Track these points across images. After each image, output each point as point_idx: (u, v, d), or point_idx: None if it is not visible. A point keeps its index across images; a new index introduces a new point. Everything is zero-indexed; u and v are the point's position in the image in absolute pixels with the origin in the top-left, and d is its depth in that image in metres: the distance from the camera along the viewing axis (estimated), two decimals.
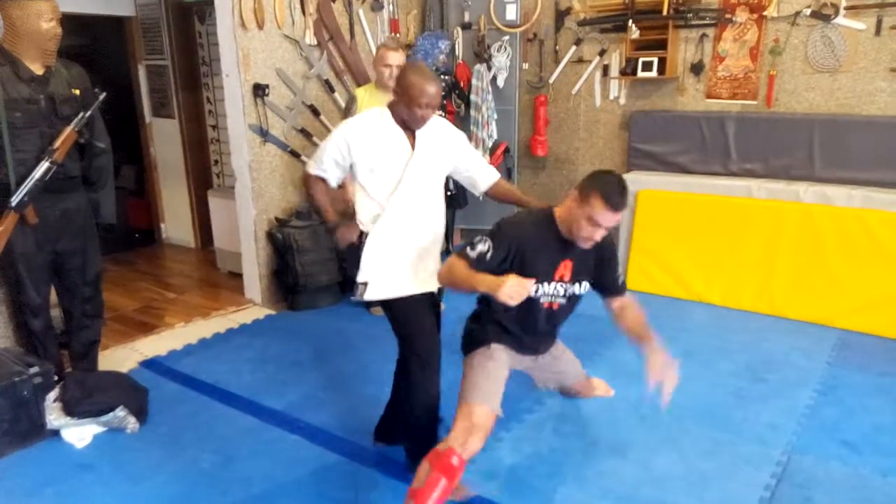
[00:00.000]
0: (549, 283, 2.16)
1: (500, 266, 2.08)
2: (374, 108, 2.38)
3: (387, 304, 2.35)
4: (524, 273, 2.00)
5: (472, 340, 2.31)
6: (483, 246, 2.09)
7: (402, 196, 2.31)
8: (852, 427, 2.74)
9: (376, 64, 3.54)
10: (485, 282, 1.97)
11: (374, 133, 2.29)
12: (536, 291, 2.13)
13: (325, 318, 4.01)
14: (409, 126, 2.29)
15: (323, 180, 2.41)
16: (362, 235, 2.35)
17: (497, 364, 2.23)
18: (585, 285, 2.25)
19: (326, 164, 2.36)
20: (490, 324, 2.27)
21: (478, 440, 2.06)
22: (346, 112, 3.65)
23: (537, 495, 2.35)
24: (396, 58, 3.46)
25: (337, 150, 2.31)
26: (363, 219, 2.35)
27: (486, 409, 2.11)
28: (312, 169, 2.41)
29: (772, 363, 3.32)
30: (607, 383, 2.89)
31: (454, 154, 2.44)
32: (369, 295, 2.33)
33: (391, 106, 2.30)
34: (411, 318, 2.34)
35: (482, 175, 2.51)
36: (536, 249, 2.12)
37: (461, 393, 2.19)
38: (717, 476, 2.44)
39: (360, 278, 2.33)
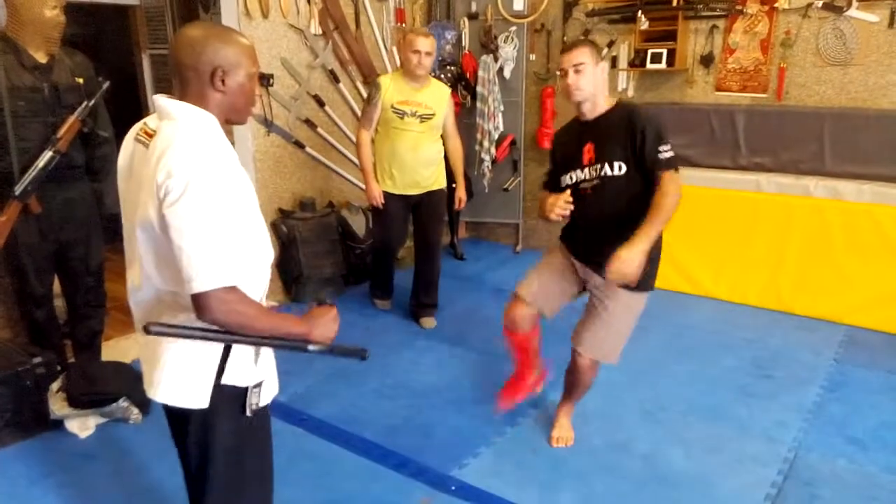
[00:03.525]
0: (581, 169, 2.31)
1: (557, 173, 2.41)
2: (199, 125, 1.35)
3: (242, 420, 1.51)
4: (566, 168, 2.35)
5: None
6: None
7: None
8: (859, 424, 2.72)
9: (404, 50, 3.40)
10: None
11: (234, 161, 1.39)
12: (573, 179, 2.33)
13: None
14: (234, 124, 1.49)
15: None
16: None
17: (551, 260, 2.51)
18: (620, 165, 2.23)
19: (236, 257, 1.31)
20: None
21: (513, 320, 2.48)
22: (368, 101, 3.51)
23: (541, 491, 2.33)
24: (426, 44, 3.30)
25: (231, 219, 1.32)
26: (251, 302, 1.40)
27: (518, 291, 2.47)
28: (222, 281, 1.29)
29: (778, 359, 3.30)
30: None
31: None
32: (265, 399, 1.55)
33: (214, 108, 1.38)
34: (270, 448, 1.64)
35: None
36: (565, 143, 2.40)
37: None
38: (723, 472, 2.42)
39: (252, 380, 1.50)
